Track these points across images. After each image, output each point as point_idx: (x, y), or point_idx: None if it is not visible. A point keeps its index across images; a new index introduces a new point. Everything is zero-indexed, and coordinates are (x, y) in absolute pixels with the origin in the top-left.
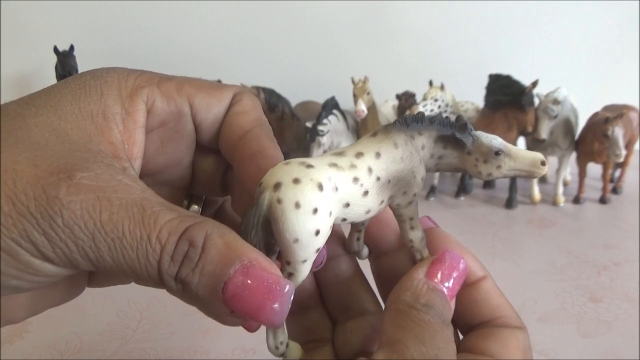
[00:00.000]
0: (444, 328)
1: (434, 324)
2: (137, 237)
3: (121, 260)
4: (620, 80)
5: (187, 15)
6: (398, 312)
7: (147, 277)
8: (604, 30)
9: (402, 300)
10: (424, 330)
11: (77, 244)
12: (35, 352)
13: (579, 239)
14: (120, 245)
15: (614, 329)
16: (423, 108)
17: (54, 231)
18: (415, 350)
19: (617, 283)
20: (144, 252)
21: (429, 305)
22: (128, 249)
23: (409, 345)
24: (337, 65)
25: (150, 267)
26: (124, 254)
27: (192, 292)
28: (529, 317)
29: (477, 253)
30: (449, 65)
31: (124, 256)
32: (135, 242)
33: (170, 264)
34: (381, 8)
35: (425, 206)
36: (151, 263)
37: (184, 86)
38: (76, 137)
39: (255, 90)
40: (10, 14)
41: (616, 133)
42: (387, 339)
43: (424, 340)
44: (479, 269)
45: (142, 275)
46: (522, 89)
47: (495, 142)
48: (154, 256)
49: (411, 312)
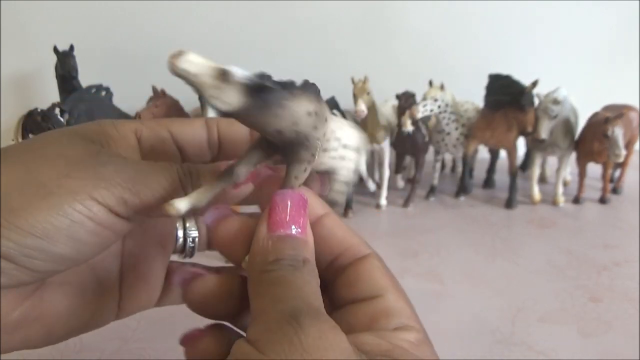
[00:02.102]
0: (299, 273)
1: (286, 275)
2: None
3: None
4: (620, 80)
5: (187, 15)
6: (254, 281)
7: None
8: (604, 30)
9: (254, 267)
10: (277, 287)
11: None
12: (35, 352)
13: (579, 239)
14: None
15: (614, 329)
16: (423, 108)
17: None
18: (274, 312)
19: (617, 283)
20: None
21: (278, 259)
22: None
23: (267, 309)
24: (337, 65)
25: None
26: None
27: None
28: (529, 317)
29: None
30: (449, 65)
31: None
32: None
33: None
34: (381, 8)
35: (425, 206)
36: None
37: (161, 121)
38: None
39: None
40: (10, 14)
41: (616, 133)
42: (253, 312)
43: (280, 297)
44: (318, 206)
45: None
46: (522, 89)
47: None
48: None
49: (263, 276)
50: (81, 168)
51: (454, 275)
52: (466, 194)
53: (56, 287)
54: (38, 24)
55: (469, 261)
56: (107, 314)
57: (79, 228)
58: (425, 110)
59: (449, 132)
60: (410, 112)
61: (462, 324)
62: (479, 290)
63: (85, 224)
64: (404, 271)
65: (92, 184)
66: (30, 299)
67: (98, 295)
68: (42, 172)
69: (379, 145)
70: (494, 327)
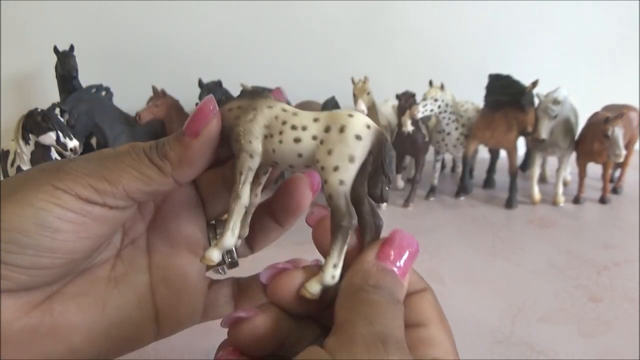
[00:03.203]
0: (393, 306)
1: (382, 302)
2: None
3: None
4: (620, 80)
5: (187, 15)
6: (347, 295)
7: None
8: (604, 30)
9: (352, 283)
10: (372, 309)
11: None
12: None
13: (579, 239)
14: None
15: (614, 329)
16: (423, 108)
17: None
18: (363, 329)
19: (617, 283)
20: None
21: (378, 285)
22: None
23: (356, 324)
24: (337, 65)
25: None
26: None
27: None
28: (529, 317)
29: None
30: (449, 65)
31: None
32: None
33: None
34: (381, 8)
35: (425, 206)
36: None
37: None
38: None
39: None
40: (10, 14)
41: (616, 133)
42: (338, 323)
43: (372, 319)
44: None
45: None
46: (522, 89)
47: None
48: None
49: (360, 294)
50: (47, 169)
51: (454, 275)
52: (466, 194)
53: (68, 298)
54: (38, 24)
55: (469, 261)
56: (143, 332)
57: (48, 215)
58: (426, 110)
59: (449, 132)
60: (411, 112)
61: (462, 324)
62: (479, 290)
63: (53, 210)
64: None
65: (56, 177)
66: (38, 309)
67: (123, 310)
68: (10, 180)
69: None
70: (494, 327)
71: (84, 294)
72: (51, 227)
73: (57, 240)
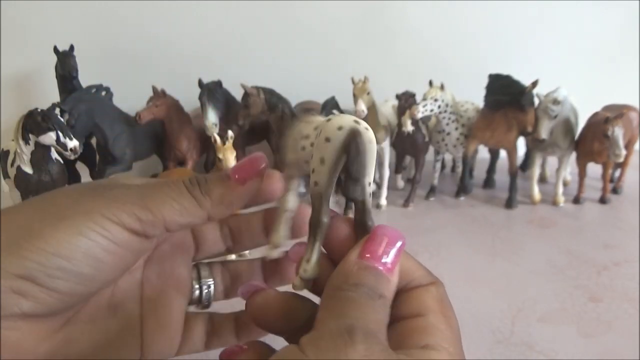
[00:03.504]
0: (373, 301)
1: (357, 299)
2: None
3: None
4: (620, 80)
5: (187, 15)
6: (327, 295)
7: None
8: (604, 30)
9: (332, 284)
10: (345, 305)
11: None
12: None
13: (579, 239)
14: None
15: (613, 329)
16: (423, 108)
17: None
18: (332, 324)
19: (617, 283)
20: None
21: (359, 284)
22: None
23: (327, 321)
24: (337, 65)
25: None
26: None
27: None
28: (529, 317)
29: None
30: (449, 65)
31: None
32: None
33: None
34: (381, 8)
35: (425, 206)
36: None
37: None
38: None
39: (255, 90)
40: (10, 14)
41: (616, 133)
42: (315, 322)
43: (343, 313)
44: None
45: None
46: (522, 89)
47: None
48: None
49: (337, 293)
50: (92, 194)
51: (454, 275)
52: (466, 194)
53: (82, 325)
54: (38, 24)
55: (469, 261)
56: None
57: (96, 246)
58: (426, 110)
59: (449, 132)
60: (411, 112)
61: (462, 324)
62: (479, 290)
63: (101, 242)
64: None
65: (105, 204)
66: (59, 333)
67: (121, 338)
68: (57, 201)
69: (379, 145)
70: (494, 327)
71: (92, 320)
72: (98, 258)
73: (98, 271)
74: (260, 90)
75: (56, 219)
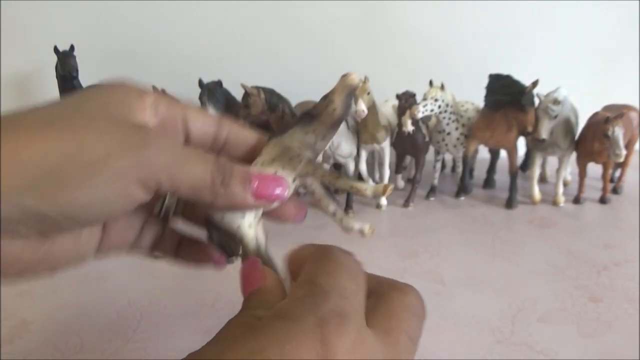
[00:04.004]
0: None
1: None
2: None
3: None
4: (620, 80)
5: (187, 15)
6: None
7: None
8: (604, 30)
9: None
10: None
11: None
12: (36, 351)
13: (579, 239)
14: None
15: (614, 329)
16: (423, 108)
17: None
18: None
19: (617, 283)
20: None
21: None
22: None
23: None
24: (337, 65)
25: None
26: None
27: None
28: (529, 317)
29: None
30: (449, 65)
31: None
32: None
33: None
34: (381, 8)
35: (425, 206)
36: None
37: (178, 102)
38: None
39: (256, 90)
40: (10, 14)
41: (616, 133)
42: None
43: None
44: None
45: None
46: (522, 89)
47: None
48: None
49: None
50: (127, 148)
51: (454, 275)
52: (466, 194)
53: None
54: (38, 24)
55: (469, 261)
56: (87, 250)
57: (114, 205)
58: (426, 110)
59: (449, 132)
60: (411, 112)
61: (462, 323)
62: (479, 290)
63: (121, 203)
64: (404, 271)
65: (137, 166)
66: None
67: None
68: (91, 149)
69: (379, 145)
70: (494, 327)
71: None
72: (111, 213)
73: (103, 218)
74: (261, 90)
75: (86, 175)
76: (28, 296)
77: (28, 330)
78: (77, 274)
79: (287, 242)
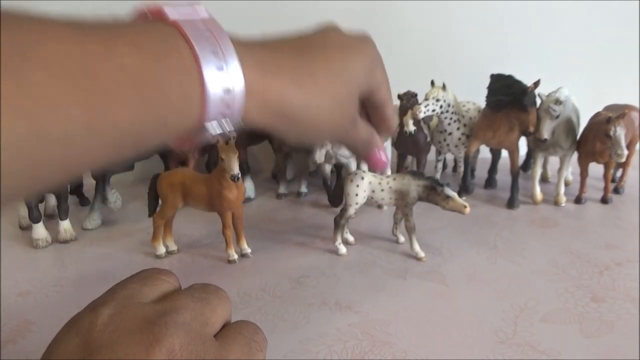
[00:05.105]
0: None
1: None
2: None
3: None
4: (621, 80)
5: None
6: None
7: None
8: (606, 30)
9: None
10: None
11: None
12: (38, 351)
13: (581, 239)
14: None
15: (616, 329)
16: (425, 108)
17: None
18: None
19: (619, 283)
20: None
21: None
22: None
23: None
24: None
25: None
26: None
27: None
28: (532, 317)
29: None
30: (450, 65)
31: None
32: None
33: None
34: (381, 8)
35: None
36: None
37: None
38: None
39: None
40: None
41: (618, 133)
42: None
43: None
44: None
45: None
46: (523, 89)
47: None
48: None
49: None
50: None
51: (455, 276)
52: (468, 194)
53: None
54: None
55: (471, 261)
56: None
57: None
58: (427, 111)
59: (450, 132)
60: (412, 112)
61: (465, 324)
62: (481, 291)
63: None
64: (405, 271)
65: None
66: None
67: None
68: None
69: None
70: (497, 327)
71: None
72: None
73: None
74: None
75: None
76: (30, 296)
77: (30, 330)
78: (80, 273)
79: (287, 242)
